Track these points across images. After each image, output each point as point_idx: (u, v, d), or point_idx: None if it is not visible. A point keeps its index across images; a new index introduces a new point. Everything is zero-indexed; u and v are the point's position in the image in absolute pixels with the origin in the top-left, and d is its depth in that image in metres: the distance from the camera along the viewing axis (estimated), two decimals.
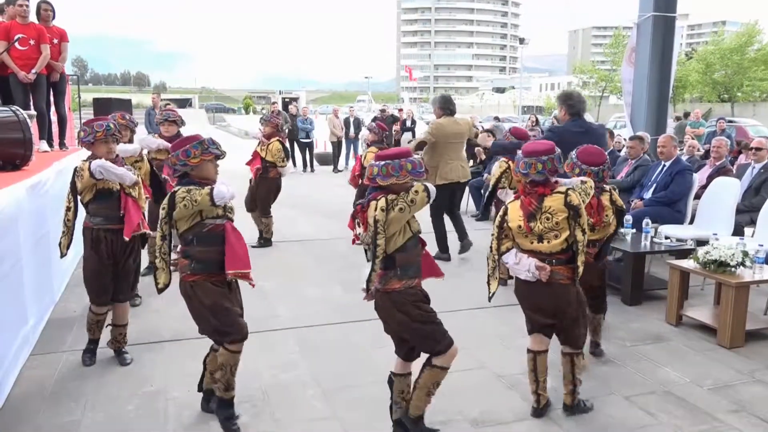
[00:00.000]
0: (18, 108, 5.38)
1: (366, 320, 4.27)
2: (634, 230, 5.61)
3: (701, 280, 5.67)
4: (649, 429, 3.35)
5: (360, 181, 6.99)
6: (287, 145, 7.98)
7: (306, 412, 3.48)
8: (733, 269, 4.50)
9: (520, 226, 3.24)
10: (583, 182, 3.44)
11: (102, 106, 10.07)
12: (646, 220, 5.51)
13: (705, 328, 4.72)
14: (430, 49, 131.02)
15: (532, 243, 3.25)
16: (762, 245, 4.70)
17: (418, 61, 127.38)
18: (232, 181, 3.42)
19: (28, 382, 3.78)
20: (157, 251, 3.23)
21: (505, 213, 3.31)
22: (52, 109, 7.33)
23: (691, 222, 6.34)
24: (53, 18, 7.08)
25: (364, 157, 7.14)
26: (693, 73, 36.17)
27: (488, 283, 3.40)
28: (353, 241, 3.09)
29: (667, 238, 5.66)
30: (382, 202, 2.85)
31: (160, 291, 3.26)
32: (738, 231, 6.07)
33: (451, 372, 3.90)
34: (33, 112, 6.46)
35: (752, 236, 5.87)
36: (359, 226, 2.98)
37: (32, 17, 6.86)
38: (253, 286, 3.35)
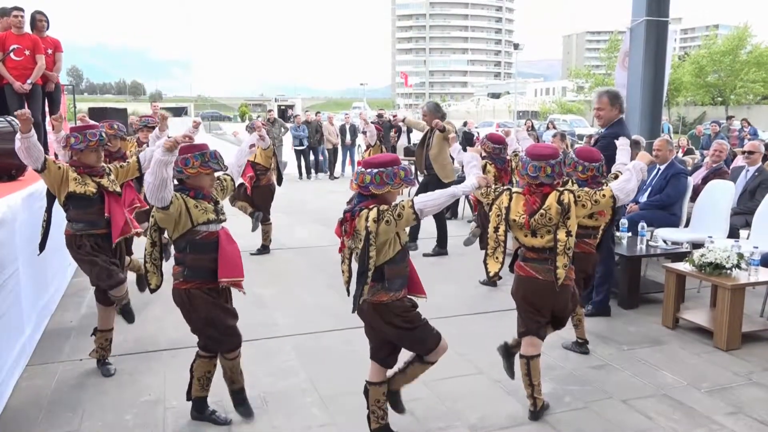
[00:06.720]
0: (13, 118, 5.38)
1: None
2: (629, 234, 5.62)
3: (697, 282, 5.69)
4: None
5: None
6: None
7: (304, 419, 3.48)
8: (728, 271, 4.52)
9: (515, 220, 3.30)
10: None
11: (97, 116, 10.10)
12: (642, 224, 5.53)
13: (701, 330, 4.73)
14: (425, 55, 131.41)
15: (526, 236, 3.32)
16: (757, 247, 4.72)
17: (413, 68, 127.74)
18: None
19: (26, 393, 3.77)
20: (148, 257, 3.27)
21: (510, 200, 3.34)
22: (47, 119, 7.33)
23: (687, 225, 6.36)
24: (48, 28, 7.11)
25: None
26: (686, 75, 36.27)
27: (485, 263, 3.40)
28: (340, 249, 3.01)
29: (663, 241, 5.68)
30: (373, 213, 2.80)
31: (152, 291, 3.34)
32: (733, 233, 6.09)
33: (449, 378, 3.92)
34: None
35: (747, 238, 5.90)
36: (345, 234, 2.92)
37: (26, 28, 6.89)
38: (244, 293, 3.37)
